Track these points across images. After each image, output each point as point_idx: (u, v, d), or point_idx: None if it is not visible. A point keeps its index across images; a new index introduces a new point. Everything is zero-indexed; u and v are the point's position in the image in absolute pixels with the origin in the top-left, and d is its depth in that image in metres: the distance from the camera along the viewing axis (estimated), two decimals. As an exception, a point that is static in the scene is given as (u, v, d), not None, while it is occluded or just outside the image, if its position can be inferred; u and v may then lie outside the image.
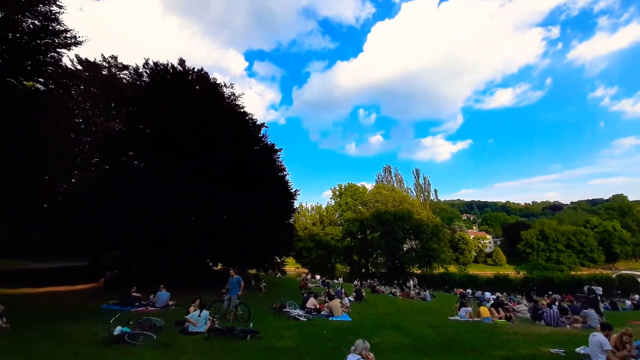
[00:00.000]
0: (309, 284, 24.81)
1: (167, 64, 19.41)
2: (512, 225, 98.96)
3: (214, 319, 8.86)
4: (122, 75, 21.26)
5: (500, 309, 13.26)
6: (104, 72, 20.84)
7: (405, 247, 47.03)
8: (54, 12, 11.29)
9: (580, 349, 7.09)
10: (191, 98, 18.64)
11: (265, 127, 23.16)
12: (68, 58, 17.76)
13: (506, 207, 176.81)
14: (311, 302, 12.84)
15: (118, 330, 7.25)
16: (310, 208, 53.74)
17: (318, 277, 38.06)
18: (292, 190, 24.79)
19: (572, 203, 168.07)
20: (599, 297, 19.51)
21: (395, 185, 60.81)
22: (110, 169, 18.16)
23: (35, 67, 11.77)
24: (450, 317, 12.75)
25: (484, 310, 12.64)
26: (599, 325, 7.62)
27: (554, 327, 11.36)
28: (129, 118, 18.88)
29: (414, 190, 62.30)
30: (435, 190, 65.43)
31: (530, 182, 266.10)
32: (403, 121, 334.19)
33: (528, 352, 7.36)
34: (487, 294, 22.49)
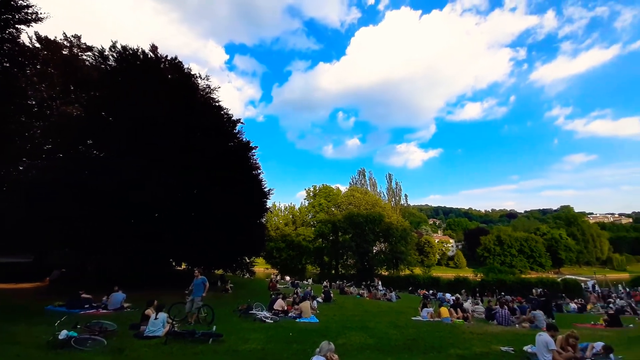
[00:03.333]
0: (278, 285, 24.53)
1: (138, 49, 18.26)
2: (473, 230, 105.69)
3: (174, 322, 8.40)
4: (84, 57, 19.56)
5: (458, 309, 14.02)
6: (64, 52, 19.04)
7: (375, 249, 48.13)
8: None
9: (527, 348, 7.64)
10: (161, 87, 17.68)
11: (241, 123, 22.65)
12: (27, 35, 16.17)
13: (468, 214, 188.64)
14: (279, 304, 12.68)
15: (64, 334, 6.66)
16: (283, 208, 53.21)
17: (288, 278, 37.75)
18: (265, 189, 24.36)
19: (525, 212, 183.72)
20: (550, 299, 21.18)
21: (368, 188, 61.94)
22: (65, 157, 16.61)
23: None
24: (413, 318, 13.24)
25: (444, 311, 13.30)
26: (546, 326, 8.30)
27: (505, 326, 12.22)
28: (90, 103, 17.42)
29: (386, 194, 63.84)
30: (406, 195, 67.75)
31: (492, 190, 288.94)
32: (380, 127, 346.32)
33: (481, 350, 7.84)
34: (448, 295, 23.72)
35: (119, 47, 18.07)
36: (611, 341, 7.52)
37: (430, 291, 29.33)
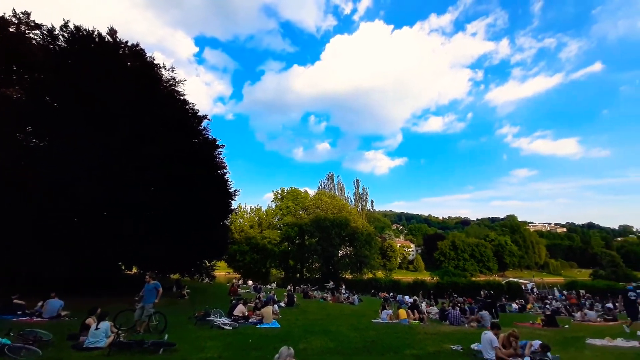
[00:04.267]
0: (240, 290, 23.73)
1: (93, 31, 16.72)
2: (431, 236, 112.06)
3: (119, 332, 7.69)
4: (32, 35, 17.44)
5: (415, 310, 14.71)
6: (11, 30, 16.84)
7: (340, 253, 48.77)
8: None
9: (474, 346, 8.24)
10: (120, 73, 16.35)
11: (208, 119, 21.66)
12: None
13: (428, 220, 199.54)
14: (239, 310, 12.25)
15: (-3, 340, 6.12)
16: (249, 210, 51.86)
17: (250, 282, 36.66)
18: (231, 190, 23.50)
19: (477, 219, 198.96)
20: (496, 301, 22.91)
21: (336, 193, 62.77)
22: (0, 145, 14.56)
23: None
24: (373, 320, 13.60)
25: (402, 313, 13.86)
26: (490, 325, 8.98)
27: (456, 326, 13.07)
28: (33, 86, 15.53)
29: (353, 199, 65.20)
30: (372, 201, 69.71)
31: (449, 199, 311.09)
32: (350, 133, 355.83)
33: (434, 349, 8.29)
34: (406, 298, 24.77)
35: (72, 27, 16.41)
36: (548, 340, 8.19)
37: (391, 294, 30.38)
